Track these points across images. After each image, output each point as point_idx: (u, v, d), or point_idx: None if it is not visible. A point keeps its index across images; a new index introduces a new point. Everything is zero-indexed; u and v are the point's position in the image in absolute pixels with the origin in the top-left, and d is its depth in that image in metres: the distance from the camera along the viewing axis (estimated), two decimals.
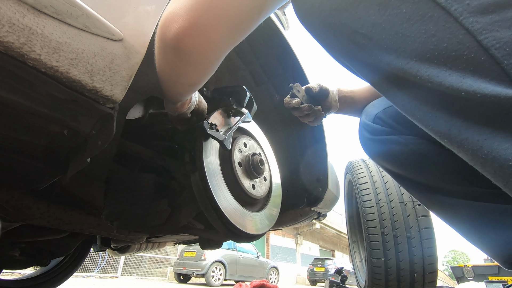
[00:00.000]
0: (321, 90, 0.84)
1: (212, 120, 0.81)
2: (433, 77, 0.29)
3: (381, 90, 0.37)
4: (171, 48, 0.46)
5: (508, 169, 0.25)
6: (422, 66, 0.30)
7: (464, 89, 0.27)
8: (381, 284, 1.67)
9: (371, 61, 0.35)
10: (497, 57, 0.26)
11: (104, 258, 8.55)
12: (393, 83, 0.34)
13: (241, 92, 0.92)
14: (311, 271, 13.24)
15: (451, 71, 0.28)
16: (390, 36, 0.32)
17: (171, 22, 0.44)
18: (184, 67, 0.50)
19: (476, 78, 0.27)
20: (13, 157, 0.58)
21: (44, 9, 0.41)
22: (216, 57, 0.50)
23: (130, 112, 0.75)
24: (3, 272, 1.50)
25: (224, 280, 8.18)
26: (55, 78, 0.43)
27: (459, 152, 0.31)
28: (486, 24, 0.27)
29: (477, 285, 5.23)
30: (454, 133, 0.30)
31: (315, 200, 1.30)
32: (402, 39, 0.31)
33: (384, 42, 0.33)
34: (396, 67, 0.32)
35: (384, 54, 0.33)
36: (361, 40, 0.35)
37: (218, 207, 0.74)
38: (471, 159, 0.29)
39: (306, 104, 0.82)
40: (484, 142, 0.27)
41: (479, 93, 0.26)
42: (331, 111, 0.87)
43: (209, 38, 0.44)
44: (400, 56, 0.32)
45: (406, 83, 0.32)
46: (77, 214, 0.89)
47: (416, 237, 1.62)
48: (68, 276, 1.75)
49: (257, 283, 3.51)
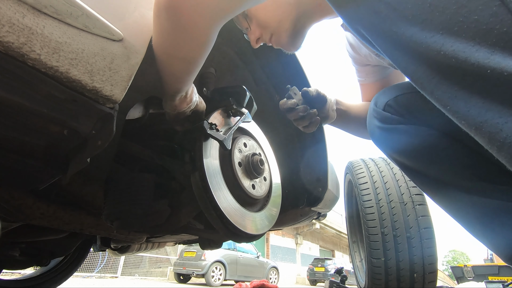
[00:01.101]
0: (318, 95, 0.81)
1: (212, 120, 0.81)
2: (458, 52, 0.27)
3: (400, 65, 0.35)
4: (163, 10, 0.48)
5: None
6: (448, 40, 0.28)
7: (491, 66, 0.25)
8: (381, 284, 1.67)
9: (392, 34, 0.33)
10: None
11: (104, 258, 8.55)
12: (413, 59, 0.32)
13: (241, 92, 0.92)
14: (311, 271, 13.24)
15: (479, 46, 0.26)
16: (416, 6, 0.30)
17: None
18: (176, 33, 0.51)
19: (506, 55, 0.25)
20: (13, 157, 0.58)
21: (44, 9, 0.41)
22: (207, 24, 0.50)
23: (130, 112, 0.75)
24: (3, 272, 1.50)
25: (224, 280, 8.18)
26: (55, 78, 0.43)
27: (475, 135, 0.29)
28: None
29: (477, 285, 5.23)
30: (473, 115, 0.28)
31: (315, 200, 1.30)
32: (430, 10, 0.29)
33: (409, 13, 0.31)
34: (419, 41, 0.30)
35: (407, 26, 0.31)
36: (384, 10, 0.32)
37: (218, 207, 0.74)
38: (487, 143, 0.28)
39: (302, 105, 0.79)
40: (505, 125, 0.25)
41: (506, 71, 0.24)
42: (328, 121, 0.84)
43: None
44: (426, 29, 0.29)
45: (427, 59, 0.30)
46: (77, 214, 0.89)
47: (416, 237, 1.62)
48: (68, 276, 1.75)
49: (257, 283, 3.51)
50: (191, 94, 0.69)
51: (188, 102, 0.69)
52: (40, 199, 0.80)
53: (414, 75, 0.34)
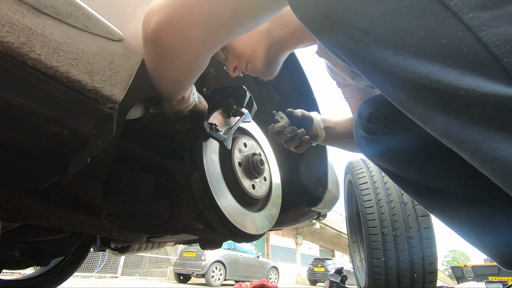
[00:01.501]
0: (303, 116, 0.83)
1: (212, 120, 0.81)
2: (431, 74, 0.28)
3: (378, 86, 0.36)
4: (150, 43, 0.49)
5: (507, 169, 0.25)
6: (421, 63, 0.29)
7: (463, 87, 0.26)
8: (381, 284, 1.67)
9: (368, 57, 0.34)
10: (497, 55, 0.25)
11: (104, 258, 8.55)
12: (390, 80, 0.33)
13: (241, 92, 0.92)
14: (311, 271, 13.24)
15: (450, 69, 0.27)
16: (388, 31, 0.31)
17: (149, 17, 0.46)
18: (163, 62, 0.52)
19: (476, 76, 0.26)
20: (13, 157, 0.58)
21: (44, 9, 0.41)
22: (194, 56, 0.51)
23: (130, 112, 0.75)
24: (3, 272, 1.50)
25: (224, 280, 8.17)
26: (55, 78, 0.43)
27: (458, 151, 0.30)
28: (486, 19, 0.26)
29: (477, 285, 5.23)
30: (452, 133, 0.29)
31: (315, 200, 1.30)
32: (400, 35, 0.30)
33: (381, 38, 0.32)
34: (393, 64, 0.31)
35: (381, 50, 0.32)
36: (358, 35, 0.34)
37: (218, 207, 0.74)
38: (469, 158, 0.29)
39: (289, 127, 0.80)
40: (483, 142, 0.26)
41: (478, 91, 0.26)
42: (318, 140, 0.85)
43: (182, 34, 0.46)
44: (398, 53, 0.31)
45: (403, 80, 0.31)
46: (77, 214, 0.89)
47: (416, 237, 1.62)
48: (68, 276, 1.75)
49: (257, 283, 3.51)
50: (188, 95, 0.69)
51: (185, 102, 0.70)
52: (40, 199, 0.80)
53: (392, 96, 0.35)
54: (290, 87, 1.35)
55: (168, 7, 0.44)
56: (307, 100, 1.33)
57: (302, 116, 0.83)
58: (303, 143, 0.82)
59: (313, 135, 0.84)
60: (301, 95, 1.34)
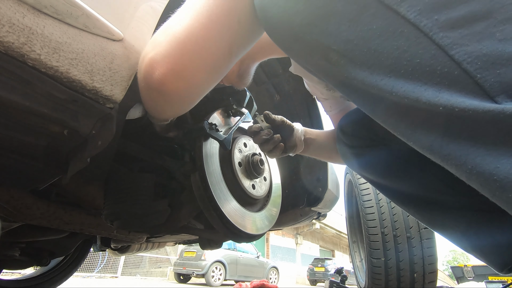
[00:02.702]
0: (283, 124, 0.82)
1: (212, 120, 0.81)
2: (409, 92, 0.29)
3: (359, 105, 0.37)
4: (155, 91, 0.50)
5: (493, 183, 0.25)
6: (397, 82, 0.29)
7: (442, 103, 0.27)
8: (381, 284, 1.67)
9: (344, 78, 0.34)
10: (470, 71, 0.26)
11: (104, 258, 8.55)
12: (370, 100, 0.34)
13: (241, 92, 0.92)
14: (311, 271, 13.24)
15: (427, 86, 0.28)
16: (363, 52, 0.32)
17: (152, 68, 0.47)
18: (168, 105, 0.55)
19: (452, 92, 0.27)
20: (13, 157, 0.58)
21: (44, 9, 0.41)
22: (198, 94, 0.55)
23: (130, 112, 0.75)
24: (3, 272, 1.50)
25: (224, 280, 8.17)
26: (55, 78, 0.43)
27: (444, 165, 0.30)
28: (456, 38, 0.27)
29: (477, 285, 5.23)
30: (436, 149, 0.29)
31: (315, 200, 1.30)
32: (375, 56, 0.31)
33: (357, 59, 0.32)
34: (370, 84, 0.31)
35: (358, 71, 0.32)
36: (334, 57, 0.34)
37: (218, 207, 0.74)
38: (455, 172, 0.29)
39: (266, 130, 0.80)
40: (467, 157, 0.27)
41: (457, 107, 0.26)
42: (296, 150, 0.85)
43: (188, 81, 0.48)
44: (374, 73, 0.31)
45: (382, 99, 0.32)
46: (77, 214, 0.89)
47: (416, 237, 1.62)
48: (68, 276, 1.75)
49: (257, 283, 3.51)
50: None
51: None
52: (40, 199, 0.80)
53: (374, 115, 0.35)
54: (290, 87, 1.35)
55: (170, 58, 0.46)
56: (307, 100, 1.34)
57: (282, 124, 0.82)
58: (276, 149, 0.81)
59: (291, 145, 0.83)
60: (301, 95, 1.34)
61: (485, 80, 0.26)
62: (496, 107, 0.25)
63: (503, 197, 0.25)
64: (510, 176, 0.24)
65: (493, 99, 0.25)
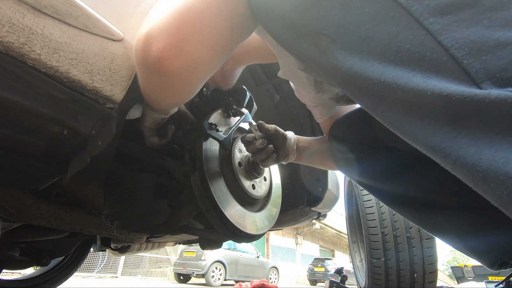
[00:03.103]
0: (276, 134, 0.82)
1: (212, 120, 0.81)
2: (398, 78, 0.29)
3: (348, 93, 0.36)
4: (153, 73, 0.45)
5: (476, 174, 0.25)
6: (387, 68, 0.30)
7: (430, 88, 0.27)
8: (381, 284, 1.67)
9: (332, 66, 0.34)
10: (457, 57, 0.26)
11: (104, 258, 8.55)
12: (356, 89, 0.33)
13: (241, 92, 0.92)
14: (311, 271, 13.24)
15: (415, 72, 0.28)
16: (353, 38, 0.31)
17: (148, 45, 0.42)
18: (169, 89, 0.50)
19: (440, 79, 0.27)
20: (13, 157, 0.58)
21: (44, 9, 0.41)
22: (200, 79, 0.50)
23: (130, 112, 0.75)
24: (3, 272, 1.50)
25: (224, 280, 8.17)
26: (55, 78, 0.43)
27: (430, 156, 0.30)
28: (445, 24, 0.27)
29: (477, 285, 5.23)
30: (421, 140, 0.29)
31: (315, 200, 1.30)
32: (366, 41, 0.31)
33: (347, 45, 0.32)
34: (359, 72, 0.31)
35: (347, 57, 0.32)
36: (324, 42, 0.34)
37: (218, 207, 0.74)
38: (441, 163, 0.29)
39: (260, 139, 0.80)
40: (451, 149, 0.27)
41: (444, 91, 0.26)
42: (288, 159, 0.85)
43: (189, 57, 0.43)
44: (364, 59, 0.31)
45: (368, 89, 0.31)
46: (77, 214, 0.89)
47: (416, 237, 1.62)
48: (68, 276, 1.75)
49: (257, 283, 3.51)
50: None
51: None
52: (40, 199, 0.80)
53: (362, 103, 0.35)
54: (290, 88, 1.35)
55: (168, 30, 0.41)
56: None
57: (275, 133, 0.82)
58: (269, 159, 0.81)
59: (284, 154, 0.84)
60: None
61: (471, 66, 0.26)
62: (481, 93, 0.25)
63: (485, 188, 0.25)
64: (492, 167, 0.24)
65: (478, 86, 0.26)
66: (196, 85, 0.52)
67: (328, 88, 0.66)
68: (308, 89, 0.70)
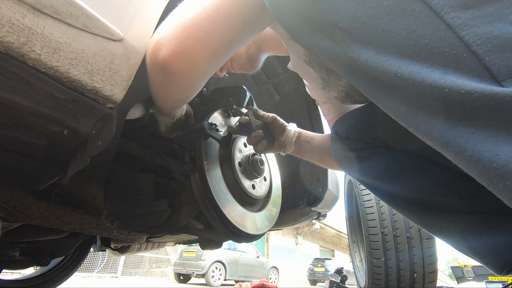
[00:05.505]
0: (273, 122, 0.81)
1: (212, 120, 0.81)
2: (415, 73, 0.28)
3: (360, 88, 0.36)
4: (160, 72, 0.53)
5: (492, 171, 0.25)
6: (404, 62, 0.29)
7: (448, 85, 0.26)
8: (381, 284, 1.67)
9: (348, 59, 0.33)
10: (479, 54, 0.26)
11: (104, 258, 8.54)
12: (371, 83, 0.33)
13: (241, 92, 0.92)
14: (311, 271, 13.23)
15: (433, 68, 0.27)
16: (370, 31, 0.31)
17: (157, 50, 0.51)
18: (172, 87, 0.57)
19: (459, 75, 0.26)
20: (13, 157, 0.58)
21: (44, 9, 0.41)
22: (199, 78, 0.57)
23: (130, 112, 0.75)
24: (3, 272, 1.50)
25: (224, 280, 8.17)
26: (55, 78, 0.43)
27: (443, 152, 0.30)
28: (467, 19, 0.26)
29: (477, 285, 5.23)
30: (436, 135, 0.29)
31: (315, 200, 1.30)
32: (383, 35, 0.30)
33: (364, 38, 0.31)
34: (374, 65, 0.31)
35: (363, 50, 0.31)
36: (339, 35, 0.33)
37: (218, 207, 0.74)
38: (454, 159, 0.28)
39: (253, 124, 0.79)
40: (467, 144, 0.26)
41: (463, 89, 0.26)
42: (286, 150, 0.84)
43: (190, 62, 0.51)
44: (380, 53, 0.30)
45: (383, 82, 0.31)
46: (77, 214, 0.89)
47: (416, 237, 1.62)
48: (68, 276, 1.75)
49: (257, 283, 3.51)
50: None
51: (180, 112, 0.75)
52: (40, 199, 0.80)
53: (374, 98, 0.34)
54: (290, 87, 1.35)
55: (176, 40, 0.49)
56: (307, 101, 1.34)
57: (273, 122, 0.82)
58: (259, 145, 0.80)
59: (280, 144, 0.83)
60: (301, 95, 1.34)
61: (493, 63, 0.25)
62: (502, 91, 0.24)
63: (500, 186, 0.25)
64: (509, 163, 0.24)
65: (500, 83, 0.25)
66: (197, 84, 0.59)
67: (335, 84, 0.65)
68: (316, 83, 0.70)
